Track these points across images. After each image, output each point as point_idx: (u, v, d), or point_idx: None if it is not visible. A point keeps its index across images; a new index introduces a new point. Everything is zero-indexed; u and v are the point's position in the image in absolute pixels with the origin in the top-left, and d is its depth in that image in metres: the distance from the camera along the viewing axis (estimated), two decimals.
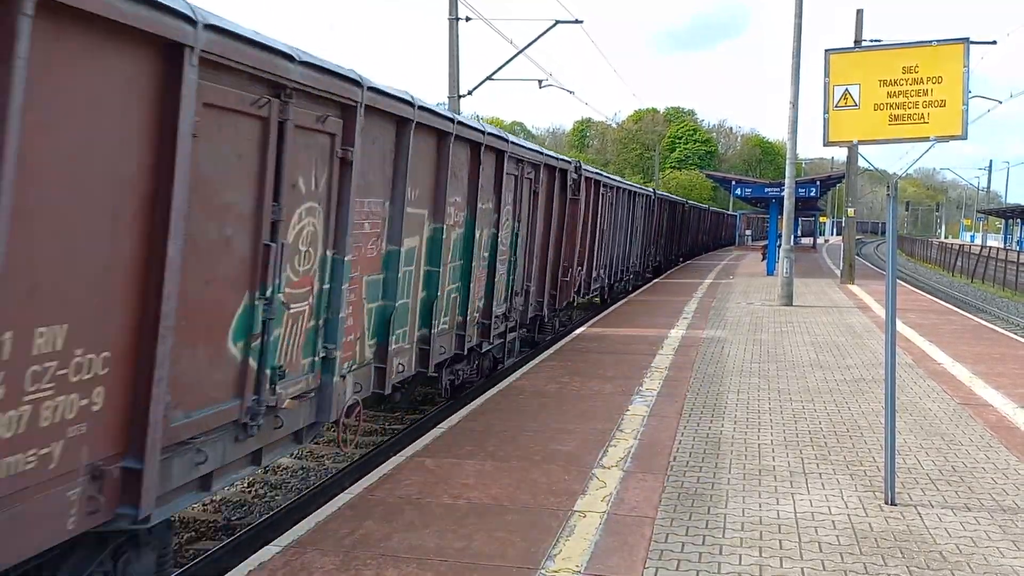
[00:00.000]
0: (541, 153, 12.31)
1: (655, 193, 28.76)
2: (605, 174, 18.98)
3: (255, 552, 5.21)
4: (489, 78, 22.05)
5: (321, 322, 6.05)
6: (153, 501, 4.25)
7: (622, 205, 21.25)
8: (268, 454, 5.58)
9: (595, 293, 19.31)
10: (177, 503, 4.70)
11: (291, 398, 5.59)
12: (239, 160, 4.89)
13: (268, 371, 5.31)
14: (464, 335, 9.46)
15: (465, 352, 9.61)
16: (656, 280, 27.87)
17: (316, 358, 6.02)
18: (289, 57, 5.08)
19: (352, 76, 5.90)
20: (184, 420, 4.55)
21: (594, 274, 17.85)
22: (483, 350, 10.57)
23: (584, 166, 15.52)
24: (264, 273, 5.16)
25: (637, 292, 23.41)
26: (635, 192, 23.79)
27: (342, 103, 5.95)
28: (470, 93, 21.35)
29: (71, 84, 3.59)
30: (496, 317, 10.57)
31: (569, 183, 14.20)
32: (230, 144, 4.79)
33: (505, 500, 6.06)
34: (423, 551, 5.11)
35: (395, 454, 7.43)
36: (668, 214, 32.30)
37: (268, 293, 5.22)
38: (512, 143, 10.41)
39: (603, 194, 17.92)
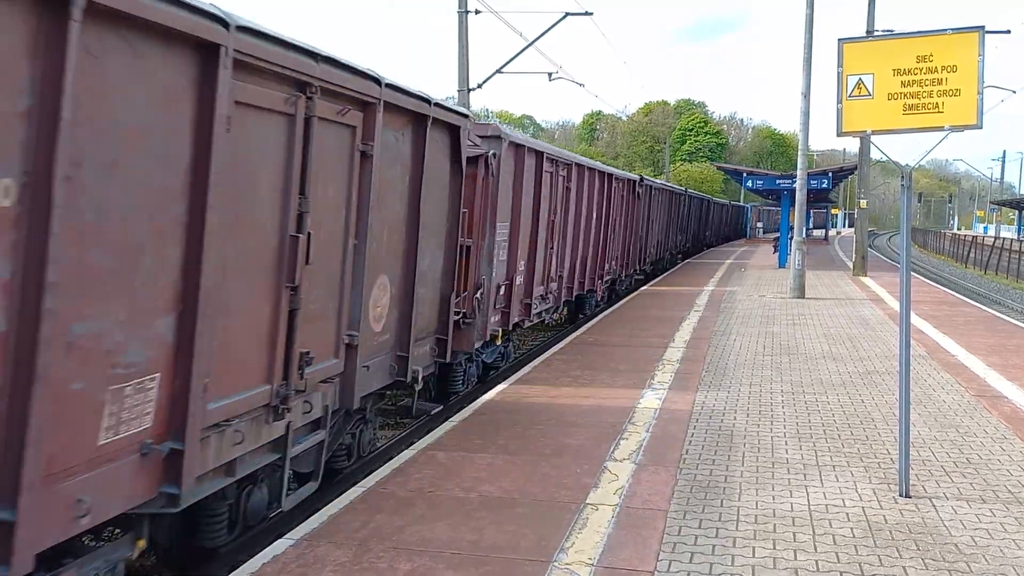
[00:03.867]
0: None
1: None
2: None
3: (269, 545, 5.23)
4: (499, 71, 22.00)
5: None
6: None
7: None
8: None
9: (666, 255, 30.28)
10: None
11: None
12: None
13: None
14: None
15: None
16: (661, 276, 27.80)
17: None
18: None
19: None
20: None
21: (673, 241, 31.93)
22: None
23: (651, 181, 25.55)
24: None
25: (648, 285, 23.37)
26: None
27: None
28: (480, 86, 21.31)
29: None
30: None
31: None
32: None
33: (517, 493, 6.05)
34: (435, 544, 5.12)
35: (406, 448, 7.44)
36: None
37: None
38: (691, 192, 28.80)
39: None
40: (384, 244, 6.86)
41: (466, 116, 8.56)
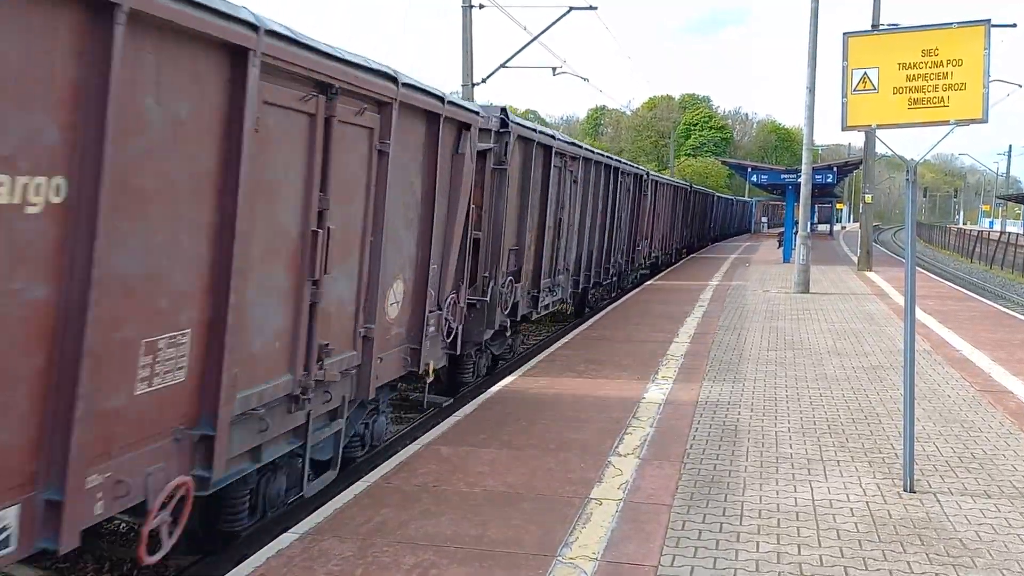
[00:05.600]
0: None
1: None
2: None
3: (273, 539, 5.24)
4: (503, 65, 21.98)
5: None
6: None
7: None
8: None
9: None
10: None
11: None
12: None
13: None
14: None
15: None
16: (666, 271, 27.75)
17: None
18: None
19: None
20: None
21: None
22: None
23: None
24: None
25: (653, 279, 23.34)
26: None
27: None
28: (484, 81, 21.32)
29: None
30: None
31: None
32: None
33: (521, 488, 6.06)
34: (440, 538, 5.13)
35: (411, 442, 7.46)
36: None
37: None
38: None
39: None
40: None
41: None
